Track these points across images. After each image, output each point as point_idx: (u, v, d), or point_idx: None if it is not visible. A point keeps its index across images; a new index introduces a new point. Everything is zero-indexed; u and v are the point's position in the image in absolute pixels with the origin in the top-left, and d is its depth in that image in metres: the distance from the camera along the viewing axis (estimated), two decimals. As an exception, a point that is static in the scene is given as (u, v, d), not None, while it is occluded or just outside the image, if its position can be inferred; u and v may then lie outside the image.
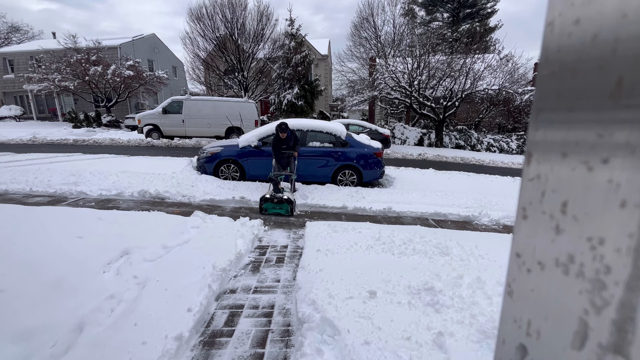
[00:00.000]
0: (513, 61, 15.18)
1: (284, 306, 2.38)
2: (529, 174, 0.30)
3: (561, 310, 0.27)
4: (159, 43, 27.47)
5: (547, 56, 0.28)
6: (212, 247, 3.14)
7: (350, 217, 4.84)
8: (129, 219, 3.59)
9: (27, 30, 32.02)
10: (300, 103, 19.39)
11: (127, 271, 2.46)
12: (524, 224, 0.30)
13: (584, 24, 0.25)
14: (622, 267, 0.23)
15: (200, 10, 18.83)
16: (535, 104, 0.29)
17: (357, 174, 6.70)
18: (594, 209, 0.24)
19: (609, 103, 0.23)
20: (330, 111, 25.71)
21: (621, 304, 0.23)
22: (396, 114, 21.35)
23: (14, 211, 3.33)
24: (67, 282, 2.17)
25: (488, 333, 1.88)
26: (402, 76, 14.19)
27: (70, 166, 7.03)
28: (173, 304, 2.18)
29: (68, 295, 2.07)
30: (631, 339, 0.22)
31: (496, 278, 2.52)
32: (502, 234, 4.21)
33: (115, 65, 18.54)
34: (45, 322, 1.83)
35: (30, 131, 14.13)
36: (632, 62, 0.22)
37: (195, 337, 2.01)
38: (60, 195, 5.09)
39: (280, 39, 19.95)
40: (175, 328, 1.94)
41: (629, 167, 0.22)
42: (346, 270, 2.63)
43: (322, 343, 1.80)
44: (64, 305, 1.99)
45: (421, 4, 27.14)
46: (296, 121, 6.98)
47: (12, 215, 3.14)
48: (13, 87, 23.64)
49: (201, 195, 5.36)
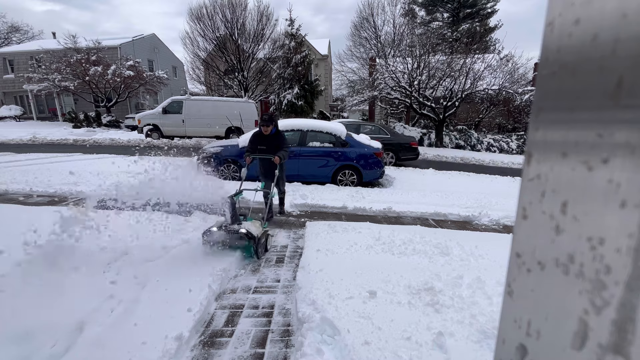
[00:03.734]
0: (513, 61, 15.19)
1: (284, 306, 2.38)
2: (529, 174, 0.30)
3: (561, 310, 0.27)
4: (159, 43, 27.47)
5: (547, 56, 0.28)
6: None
7: (350, 217, 4.84)
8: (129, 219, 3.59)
9: (27, 30, 32.03)
10: (300, 103, 19.40)
11: (127, 271, 2.46)
12: (524, 224, 0.30)
13: (584, 24, 0.25)
14: (622, 267, 0.23)
15: (201, 10, 18.85)
16: (535, 104, 0.29)
17: (357, 174, 6.70)
18: (594, 209, 0.24)
19: (609, 103, 0.23)
20: (330, 111, 25.69)
21: (621, 304, 0.23)
22: (396, 114, 21.34)
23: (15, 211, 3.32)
24: (67, 282, 2.17)
25: (488, 333, 1.88)
26: (402, 76, 14.19)
27: (70, 166, 7.03)
28: (173, 304, 2.18)
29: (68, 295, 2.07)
30: (631, 339, 0.22)
31: (496, 278, 2.52)
32: (502, 234, 4.21)
33: (116, 65, 18.54)
34: (45, 322, 1.83)
35: (30, 131, 14.12)
36: (632, 62, 0.22)
37: (195, 337, 2.01)
38: (60, 195, 5.09)
39: (280, 39, 19.96)
40: (175, 328, 1.94)
41: (629, 167, 0.22)
42: (346, 270, 2.62)
43: (322, 343, 1.80)
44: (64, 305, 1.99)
45: (421, 4, 27.13)
46: (296, 121, 6.98)
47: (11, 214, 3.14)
48: (13, 87, 23.64)
49: (201, 195, 5.36)
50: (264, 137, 4.03)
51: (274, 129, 4.05)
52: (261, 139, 4.06)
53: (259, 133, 4.08)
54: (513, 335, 0.32)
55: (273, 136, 4.06)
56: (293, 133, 6.76)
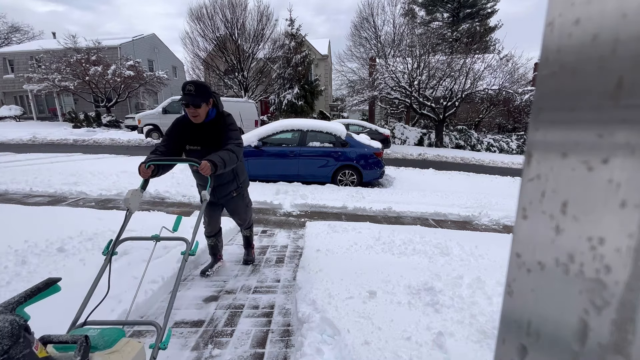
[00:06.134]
0: (513, 61, 15.20)
1: (284, 306, 2.38)
2: (529, 174, 0.30)
3: (561, 310, 0.27)
4: (159, 43, 27.47)
5: (547, 56, 0.28)
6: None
7: (350, 217, 4.84)
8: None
9: (27, 31, 32.08)
10: (300, 103, 19.41)
11: (126, 272, 2.46)
12: (524, 224, 0.30)
13: (584, 24, 0.25)
14: (622, 267, 0.23)
15: (201, 10, 18.86)
16: (535, 104, 0.29)
17: (357, 174, 6.70)
18: (594, 209, 0.24)
19: (609, 103, 0.23)
20: (330, 111, 25.70)
21: (621, 304, 0.23)
22: (396, 114, 21.35)
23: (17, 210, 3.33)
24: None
25: (488, 333, 1.88)
26: (402, 76, 14.19)
27: (70, 166, 7.04)
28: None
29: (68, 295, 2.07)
30: (631, 339, 0.22)
31: (496, 278, 2.52)
32: (502, 234, 4.21)
33: (116, 65, 18.55)
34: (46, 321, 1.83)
35: (30, 131, 14.12)
36: (632, 62, 0.22)
37: (194, 336, 2.01)
38: (60, 195, 5.09)
39: (280, 39, 19.98)
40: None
41: (629, 167, 0.22)
42: (346, 270, 2.62)
43: (322, 343, 1.80)
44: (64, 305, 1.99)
45: (421, 4, 27.14)
46: (296, 121, 6.98)
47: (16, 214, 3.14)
48: (13, 87, 23.65)
49: (201, 195, 5.36)
50: (195, 128, 2.25)
51: (213, 112, 2.27)
52: (190, 130, 2.26)
53: (185, 121, 2.28)
54: (513, 335, 0.32)
55: (211, 124, 2.27)
56: (293, 133, 6.76)
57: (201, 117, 2.22)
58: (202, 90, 2.16)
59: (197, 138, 2.27)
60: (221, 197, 2.53)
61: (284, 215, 4.85)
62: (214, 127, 2.28)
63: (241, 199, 2.67)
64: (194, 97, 2.12)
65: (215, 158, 2.01)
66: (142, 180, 2.03)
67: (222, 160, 2.04)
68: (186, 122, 2.28)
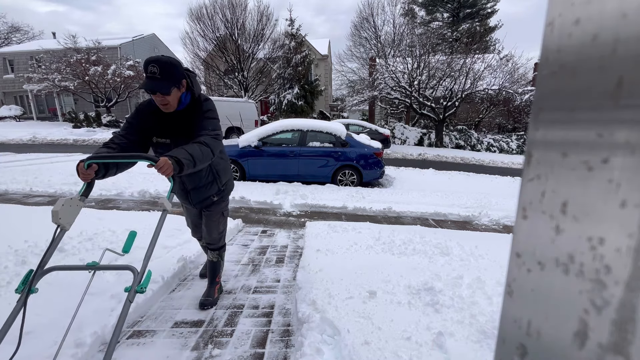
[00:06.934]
0: (513, 61, 15.21)
1: (284, 306, 2.38)
2: (529, 174, 0.30)
3: (561, 310, 0.27)
4: (159, 43, 27.47)
5: (547, 56, 0.28)
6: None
7: (350, 217, 4.84)
8: (129, 219, 3.59)
9: (27, 31, 32.07)
10: (300, 103, 19.42)
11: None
12: (524, 224, 0.30)
13: (584, 24, 0.25)
14: (622, 267, 0.23)
15: (200, 10, 18.88)
16: (535, 104, 0.29)
17: (357, 174, 6.70)
18: (594, 209, 0.24)
19: (609, 103, 0.23)
20: (330, 111, 25.71)
21: (621, 304, 0.23)
22: (396, 114, 21.35)
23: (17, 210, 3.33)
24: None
25: (488, 333, 1.88)
26: (402, 76, 14.20)
27: (71, 166, 7.03)
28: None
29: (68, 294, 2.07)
30: (631, 339, 0.22)
31: (496, 278, 2.52)
32: (502, 234, 4.21)
33: (115, 65, 18.55)
34: (47, 321, 1.84)
35: (30, 131, 14.13)
36: (632, 62, 0.22)
37: (194, 336, 2.01)
38: (60, 195, 5.09)
39: (280, 39, 20.00)
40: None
41: (629, 167, 0.22)
42: (346, 270, 2.62)
43: (322, 343, 1.80)
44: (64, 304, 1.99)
45: (421, 4, 27.15)
46: (296, 121, 6.98)
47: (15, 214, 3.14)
48: (13, 87, 23.64)
49: (201, 195, 5.36)
50: (164, 116, 1.83)
51: (187, 96, 1.83)
52: (157, 118, 1.85)
53: (151, 107, 1.87)
54: (513, 335, 0.32)
55: (184, 112, 1.86)
56: (293, 133, 6.76)
57: (172, 106, 1.76)
58: (169, 71, 1.65)
59: (167, 129, 1.84)
60: (198, 202, 2.09)
61: (284, 215, 4.85)
62: (188, 115, 1.84)
63: (218, 205, 2.16)
64: (159, 81, 1.63)
65: (181, 154, 1.52)
66: (84, 184, 1.53)
67: (189, 157, 1.54)
68: (153, 108, 1.83)
